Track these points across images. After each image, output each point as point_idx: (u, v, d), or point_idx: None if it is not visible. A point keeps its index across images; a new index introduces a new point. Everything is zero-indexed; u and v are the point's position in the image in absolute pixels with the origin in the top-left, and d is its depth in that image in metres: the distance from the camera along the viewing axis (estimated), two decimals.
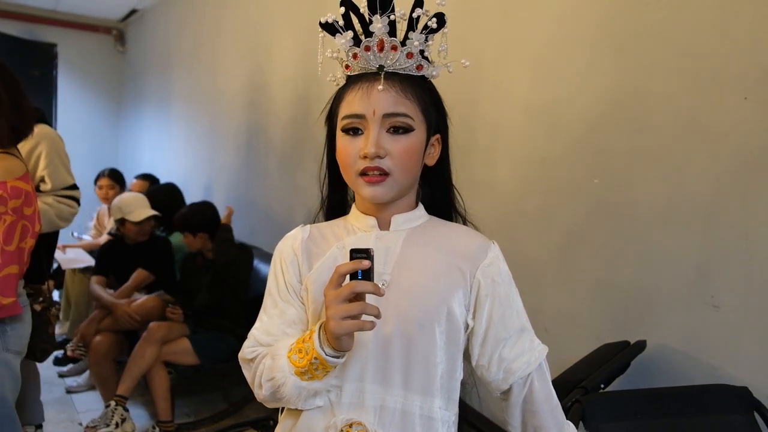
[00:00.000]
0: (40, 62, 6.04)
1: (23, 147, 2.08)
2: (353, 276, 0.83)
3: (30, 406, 2.31)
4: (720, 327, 1.49)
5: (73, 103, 6.40)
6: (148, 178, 4.52)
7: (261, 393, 0.94)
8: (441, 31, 0.94)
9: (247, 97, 3.95)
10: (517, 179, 2.04)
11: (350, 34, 0.93)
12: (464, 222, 1.08)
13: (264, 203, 3.80)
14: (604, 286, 1.77)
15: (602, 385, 1.43)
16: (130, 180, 5.66)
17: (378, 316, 0.83)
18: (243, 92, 4.02)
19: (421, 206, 1.03)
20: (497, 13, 2.09)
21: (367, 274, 0.83)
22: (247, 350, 0.98)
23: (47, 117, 2.32)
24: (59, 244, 4.29)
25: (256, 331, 1.00)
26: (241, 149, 4.05)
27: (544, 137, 1.94)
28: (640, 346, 1.58)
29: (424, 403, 0.93)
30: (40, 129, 2.16)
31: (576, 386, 1.29)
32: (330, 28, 0.95)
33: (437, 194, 1.06)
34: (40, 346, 1.97)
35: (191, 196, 4.27)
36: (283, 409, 1.02)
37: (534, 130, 1.97)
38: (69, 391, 3.31)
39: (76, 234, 4.45)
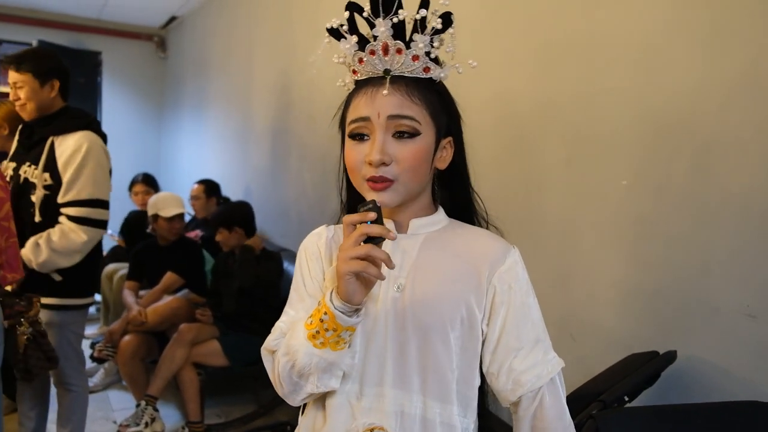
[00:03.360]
0: (86, 70, 6.24)
1: (64, 150, 2.18)
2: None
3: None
4: (755, 338, 1.40)
5: (117, 108, 6.58)
6: (206, 183, 4.25)
7: (280, 371, 0.92)
8: (448, 32, 0.92)
9: (279, 100, 3.98)
10: (542, 181, 1.97)
11: (354, 38, 0.92)
12: (486, 225, 1.06)
13: (296, 205, 3.81)
14: (633, 292, 1.69)
15: (626, 398, 1.35)
16: (172, 183, 5.78)
17: (389, 264, 0.83)
18: (274, 95, 4.04)
19: (441, 210, 1.02)
20: (520, 12, 2.03)
21: (375, 221, 0.85)
22: (272, 342, 0.98)
23: (96, 124, 2.36)
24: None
25: (282, 324, 0.99)
26: (274, 152, 4.08)
27: (569, 137, 1.87)
28: (670, 356, 1.50)
29: (444, 411, 0.92)
30: (83, 134, 2.24)
31: (594, 400, 1.23)
32: (336, 33, 0.94)
33: (455, 197, 1.04)
34: (18, 365, 1.93)
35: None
36: (303, 410, 1.02)
37: (559, 130, 1.91)
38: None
39: (110, 232, 4.50)
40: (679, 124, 1.56)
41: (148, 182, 4.46)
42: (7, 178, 2.18)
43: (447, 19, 0.90)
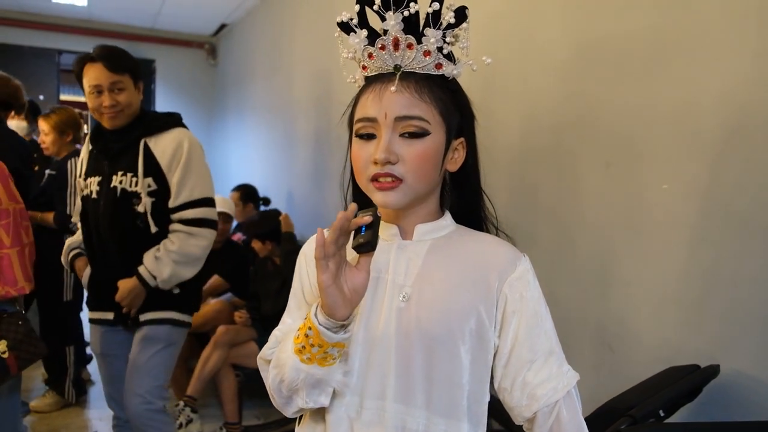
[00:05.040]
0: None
1: (164, 150, 1.97)
2: (356, 233, 0.82)
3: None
4: None
5: None
6: (241, 190, 4.36)
7: (270, 384, 0.90)
8: (462, 27, 0.87)
9: (320, 105, 4.01)
10: (579, 185, 1.90)
11: (364, 33, 0.89)
12: (496, 231, 1.00)
13: (336, 212, 3.82)
14: (675, 302, 1.60)
15: (662, 413, 1.28)
16: (220, 187, 5.88)
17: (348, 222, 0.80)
18: (316, 100, 4.07)
19: (447, 215, 0.97)
20: (556, 13, 1.96)
21: (370, 230, 0.81)
22: (267, 352, 0.94)
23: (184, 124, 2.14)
24: None
25: (279, 332, 0.96)
26: (316, 156, 4.11)
27: (608, 140, 1.80)
28: (712, 371, 1.41)
29: (449, 428, 0.87)
30: (179, 131, 2.03)
31: (624, 414, 1.16)
32: (346, 27, 0.90)
33: (464, 201, 0.99)
34: None
35: (271, 205, 4.39)
36: (299, 421, 0.99)
37: (598, 133, 1.83)
38: None
39: None
40: (726, 125, 1.47)
41: None
42: (93, 195, 2.00)
43: (461, 13, 0.86)
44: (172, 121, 2.07)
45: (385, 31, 0.87)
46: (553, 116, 1.99)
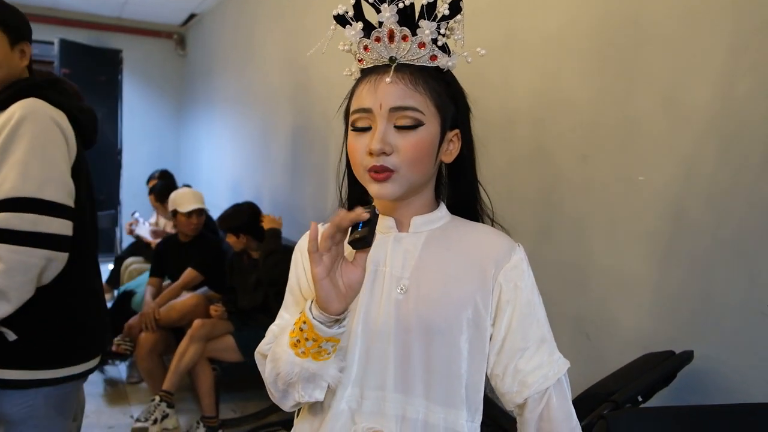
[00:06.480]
0: (107, 68, 6.32)
1: None
2: (353, 229, 0.82)
3: None
4: None
5: (137, 106, 6.66)
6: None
7: (267, 378, 0.90)
8: (456, 19, 0.88)
9: (297, 97, 3.98)
10: (557, 177, 1.93)
11: (360, 25, 0.90)
12: (492, 223, 1.02)
13: (313, 205, 3.81)
14: (650, 291, 1.65)
15: (640, 398, 1.32)
16: (191, 179, 5.83)
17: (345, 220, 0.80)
18: (293, 92, 4.04)
19: (442, 206, 0.99)
20: (548, 5, 1.99)
21: (367, 227, 0.81)
22: (264, 347, 0.95)
23: (52, 90, 1.50)
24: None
25: (276, 327, 0.97)
26: (290, 150, 4.08)
27: (584, 132, 1.84)
28: (686, 356, 1.46)
29: (448, 416, 0.89)
30: (24, 104, 1.38)
31: (605, 399, 1.19)
32: (341, 20, 0.91)
33: (459, 193, 1.01)
34: None
35: (243, 197, 4.34)
36: (298, 413, 0.99)
37: (575, 126, 1.87)
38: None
39: (137, 215, 4.55)
40: (702, 118, 1.51)
41: (165, 178, 4.51)
42: None
43: (455, 5, 0.87)
44: (24, 90, 1.43)
45: (381, 23, 0.88)
46: (531, 109, 2.02)
